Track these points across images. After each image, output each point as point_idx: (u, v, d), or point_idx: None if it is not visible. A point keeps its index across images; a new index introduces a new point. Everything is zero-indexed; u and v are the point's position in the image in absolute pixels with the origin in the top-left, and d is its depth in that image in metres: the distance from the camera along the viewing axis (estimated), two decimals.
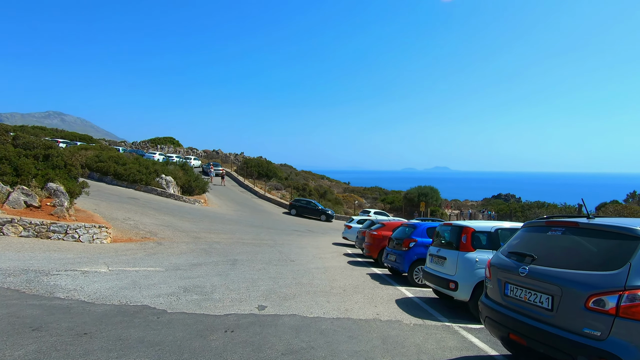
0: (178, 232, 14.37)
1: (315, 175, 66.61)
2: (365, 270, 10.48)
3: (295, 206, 30.91)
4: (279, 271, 8.89)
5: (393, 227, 11.60)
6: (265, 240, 15.76)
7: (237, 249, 12.31)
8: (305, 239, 18.01)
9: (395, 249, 9.22)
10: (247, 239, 15.47)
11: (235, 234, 16.46)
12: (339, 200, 41.21)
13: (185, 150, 55.87)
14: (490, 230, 6.20)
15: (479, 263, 5.93)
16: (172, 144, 57.63)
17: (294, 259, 11.38)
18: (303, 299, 6.42)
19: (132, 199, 20.65)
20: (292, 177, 50.90)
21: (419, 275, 8.58)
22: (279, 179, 44.73)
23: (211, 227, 17.30)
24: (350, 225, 17.59)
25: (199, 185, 29.55)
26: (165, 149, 53.66)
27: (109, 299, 5.22)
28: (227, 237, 14.94)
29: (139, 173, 24.88)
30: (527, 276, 3.35)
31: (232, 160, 53.62)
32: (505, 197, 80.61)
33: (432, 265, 6.85)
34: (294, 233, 20.24)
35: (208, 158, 53.58)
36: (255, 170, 43.73)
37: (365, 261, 12.77)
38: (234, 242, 13.83)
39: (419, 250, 8.62)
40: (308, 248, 14.98)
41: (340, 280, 8.54)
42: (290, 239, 17.18)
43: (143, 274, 6.89)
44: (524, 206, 53.55)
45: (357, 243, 14.63)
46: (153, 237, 12.55)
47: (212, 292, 6.23)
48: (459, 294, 5.96)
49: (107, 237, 10.50)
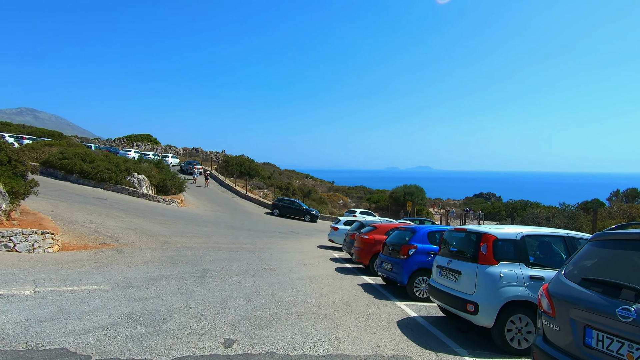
0: (145, 236, 12.80)
1: (299, 174, 65.20)
2: (355, 280, 9.23)
3: (278, 206, 29.48)
4: (256, 284, 7.53)
5: (386, 230, 10.40)
6: (244, 244, 14.34)
7: (210, 255, 10.87)
8: (289, 242, 16.66)
9: (391, 257, 7.99)
10: (224, 243, 14.02)
11: (211, 237, 14.97)
12: (323, 200, 39.96)
13: (163, 148, 53.49)
14: (515, 237, 5.02)
15: (504, 279, 4.73)
16: (150, 141, 55.14)
17: (275, 267, 10.03)
18: (284, 324, 5.10)
19: (99, 200, 18.84)
20: (275, 176, 49.35)
21: (420, 288, 7.37)
22: (262, 177, 43.15)
23: (185, 229, 15.75)
24: (337, 227, 16.34)
25: (175, 184, 27.79)
26: (142, 146, 51.21)
27: (11, 340, 3.75)
28: (201, 242, 13.45)
29: (108, 171, 22.98)
30: (634, 323, 2.14)
31: (212, 159, 51.64)
32: (486, 196, 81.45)
33: (441, 279, 5.63)
34: (276, 235, 18.86)
35: (187, 156, 51.44)
36: (237, 168, 42.01)
37: (355, 268, 11.53)
38: (208, 248, 12.37)
39: (420, 258, 7.41)
40: (291, 252, 13.65)
41: (328, 294, 7.25)
42: (272, 243, 15.80)
43: (79, 297, 5.42)
44: (508, 205, 53.56)
45: (344, 246, 13.39)
46: (114, 242, 10.97)
47: (167, 320, 4.84)
48: (480, 318, 4.76)
49: (54, 245, 8.91)
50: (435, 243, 7.62)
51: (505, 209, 51.67)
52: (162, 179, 26.46)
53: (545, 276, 4.76)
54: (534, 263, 4.93)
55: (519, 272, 4.78)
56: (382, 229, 10.37)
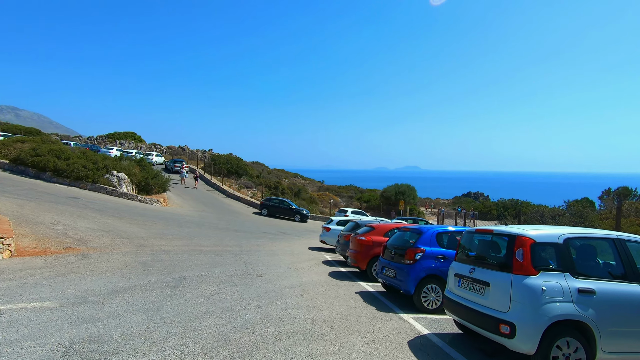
0: (119, 238, 11.59)
1: (289, 173, 64.03)
2: (352, 287, 8.23)
3: (267, 205, 28.34)
4: (239, 295, 6.46)
5: (385, 230, 9.42)
6: (229, 246, 13.21)
7: (189, 260, 9.74)
8: (278, 244, 15.59)
9: (394, 262, 7.00)
10: (207, 245, 12.88)
11: (193, 239, 13.81)
12: (313, 199, 38.93)
13: (147, 147, 51.72)
14: (556, 241, 4.06)
15: (547, 293, 3.77)
16: (134, 139, 53.28)
17: (262, 273, 8.96)
18: (271, 351, 4.07)
19: (72, 199, 17.47)
20: (264, 175, 48.11)
21: (429, 298, 6.39)
22: (250, 176, 41.89)
23: (165, 231, 14.54)
24: (329, 227, 15.32)
25: (158, 183, 26.43)
26: (126, 144, 49.41)
27: None
28: (181, 244, 12.29)
29: (84, 169, 21.54)
30: None
31: (199, 157, 50.10)
32: (475, 196, 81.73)
33: (461, 291, 4.65)
34: (265, 236, 17.75)
35: (173, 154, 49.83)
36: (224, 167, 40.65)
37: (350, 272, 10.53)
38: (189, 251, 11.23)
39: (428, 263, 6.44)
40: (280, 255, 12.58)
41: (323, 306, 6.23)
42: (260, 245, 14.71)
43: (9, 319, 4.26)
44: (499, 204, 53.27)
45: (338, 248, 12.39)
46: (80, 246, 9.75)
47: (118, 350, 3.74)
48: (518, 343, 3.78)
49: (5, 251, 7.68)
50: (444, 246, 6.67)
51: (496, 208, 51.40)
52: (143, 178, 25.08)
53: (596, 289, 3.82)
54: (581, 272, 3.99)
55: (564, 284, 3.83)
56: (381, 230, 9.38)
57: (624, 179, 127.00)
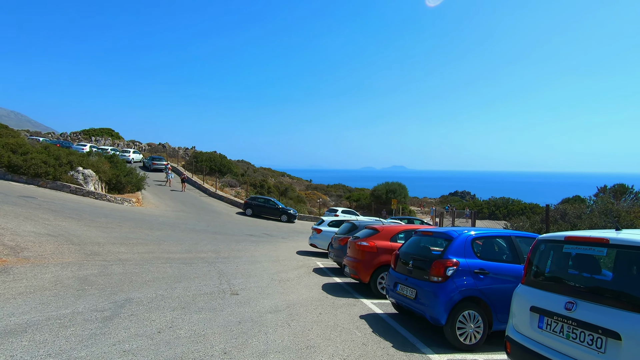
0: (67, 245, 9.52)
1: (275, 172, 61.95)
2: (355, 308, 6.40)
3: (251, 205, 26.32)
4: (199, 331, 4.56)
5: (392, 233, 7.61)
6: (203, 252, 11.25)
7: (149, 272, 7.77)
8: (262, 248, 13.67)
9: (413, 277, 5.19)
10: (177, 251, 10.89)
11: (161, 244, 11.79)
12: (301, 198, 37.03)
13: (125, 144, 48.94)
14: None
15: None
16: (111, 136, 50.38)
17: (238, 289, 7.08)
18: None
19: (26, 198, 15.20)
20: (249, 174, 45.96)
21: (466, 330, 4.61)
22: (235, 175, 39.71)
23: (130, 234, 12.48)
24: (320, 229, 13.48)
25: (132, 181, 24.16)
26: (102, 141, 46.58)
27: None
28: (145, 251, 10.28)
29: (44, 165, 19.18)
30: None
31: (181, 155, 47.59)
32: (462, 195, 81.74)
33: (549, 338, 2.86)
34: (247, 239, 15.81)
35: (153, 152, 47.19)
36: (207, 165, 38.38)
37: (347, 283, 8.71)
38: (152, 259, 9.24)
39: (465, 281, 4.66)
40: (263, 262, 10.69)
41: (321, 346, 4.39)
42: (241, 249, 12.77)
43: None
44: (490, 203, 52.32)
45: (331, 254, 10.55)
46: (10, 257, 7.67)
47: None
48: None
49: None
50: (480, 256, 4.91)
51: (487, 206, 50.46)
52: (114, 175, 22.78)
53: None
54: None
55: None
56: (387, 233, 7.58)
57: (612, 178, 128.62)
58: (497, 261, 4.89)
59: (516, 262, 4.91)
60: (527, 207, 49.42)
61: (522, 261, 4.89)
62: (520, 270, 4.70)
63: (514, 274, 4.75)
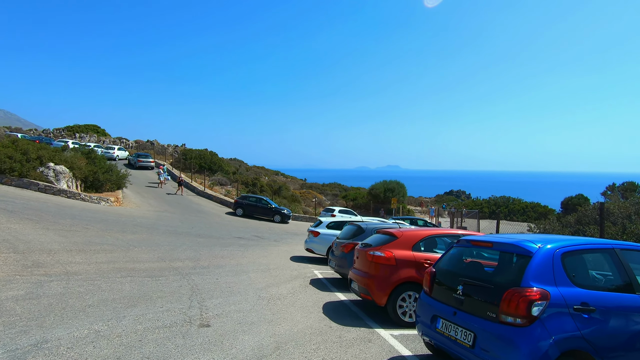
0: (7, 253, 7.66)
1: (269, 170, 59.99)
2: (372, 347, 4.62)
3: (242, 204, 24.46)
4: None
5: (414, 239, 5.84)
6: (179, 260, 9.42)
7: (96, 292, 5.94)
8: (250, 253, 11.86)
9: (466, 312, 3.43)
10: (146, 260, 9.05)
11: (130, 250, 9.94)
12: (296, 198, 35.22)
13: (112, 140, 46.68)
14: None
15: None
16: (97, 132, 48.09)
17: (211, 316, 5.28)
18: None
19: None
20: (241, 172, 44.05)
21: None
22: (226, 173, 37.77)
23: (95, 239, 10.60)
24: (318, 231, 11.69)
25: (112, 178, 22.20)
26: (87, 138, 44.34)
27: None
28: (105, 260, 8.43)
29: (9, 160, 17.18)
30: None
31: (170, 153, 45.49)
32: (457, 194, 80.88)
33: None
34: (235, 243, 13.99)
35: (140, 149, 45.04)
36: (196, 162, 36.39)
37: (354, 301, 6.95)
38: (109, 272, 7.40)
39: (562, 325, 2.90)
40: (251, 273, 8.89)
41: None
42: (226, 255, 10.95)
43: None
44: (490, 202, 50.88)
45: (332, 262, 8.78)
46: None
47: None
48: None
49: None
50: (577, 280, 3.15)
51: (488, 205, 49.00)
52: (91, 172, 20.80)
53: None
54: None
55: None
56: (408, 240, 5.80)
57: (601, 177, 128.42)
58: (604, 289, 3.16)
59: (627, 289, 3.19)
60: (529, 206, 48.04)
61: (637, 288, 3.16)
62: (637, 301, 2.99)
63: (632, 309, 3.02)
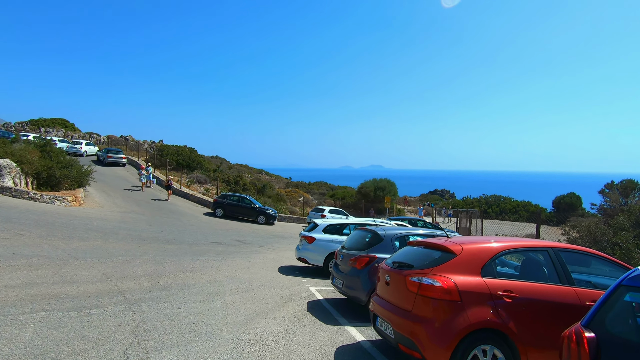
0: None
1: (252, 169, 57.30)
2: None
3: (222, 204, 21.99)
4: None
5: (486, 258, 3.69)
6: (131, 278, 7.02)
7: None
8: (229, 264, 9.53)
9: None
10: (84, 279, 6.63)
11: (67, 265, 7.47)
12: (281, 197, 32.86)
13: (81, 135, 43.20)
14: None
15: None
16: (65, 127, 44.43)
17: None
18: None
19: None
20: (223, 169, 41.36)
21: None
22: (205, 170, 35.04)
23: (23, 250, 8.08)
24: (313, 237, 9.44)
25: (71, 175, 19.36)
26: (53, 132, 40.83)
27: None
28: (22, 281, 5.98)
29: None
30: None
31: (145, 149, 42.30)
32: (441, 193, 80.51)
33: None
34: (211, 250, 11.63)
35: (112, 145, 41.75)
36: (173, 159, 33.56)
37: (378, 345, 4.78)
38: (16, 302, 4.99)
39: None
40: (227, 296, 6.59)
41: None
42: (197, 268, 8.59)
43: None
44: (481, 201, 49.71)
45: (339, 282, 6.52)
46: None
47: None
48: None
49: None
50: None
51: (479, 204, 47.73)
52: (45, 167, 17.97)
53: None
54: None
55: None
56: (474, 257, 3.65)
57: (584, 177, 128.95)
58: None
59: None
60: (520, 205, 47.04)
61: None
62: None
63: None
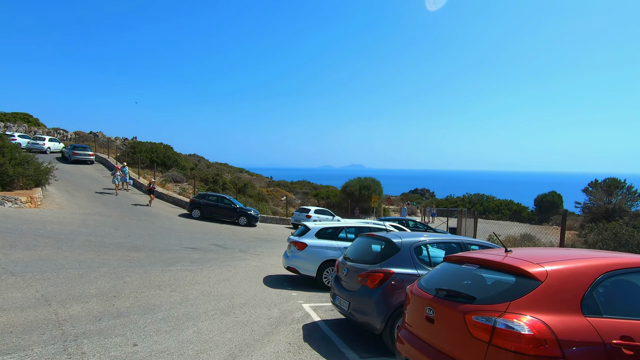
0: None
1: (232, 167, 55.31)
2: None
3: (199, 204, 20.32)
4: None
5: (583, 285, 2.49)
6: (78, 299, 5.49)
7: None
8: (205, 275, 8.07)
9: None
10: (14, 303, 5.06)
11: None
12: (263, 196, 31.29)
13: (46, 131, 40.20)
14: None
15: None
16: (27, 122, 41.26)
17: None
18: None
19: None
20: (201, 168, 39.37)
21: None
22: (182, 169, 33.06)
23: None
24: (304, 242, 8.12)
25: (27, 173, 17.29)
26: (14, 127, 37.78)
27: None
28: None
29: None
30: None
31: (117, 146, 39.79)
32: (421, 192, 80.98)
33: None
34: (185, 257, 10.11)
35: (80, 141, 39.04)
36: (147, 156, 31.45)
37: None
38: None
39: None
40: (201, 322, 5.18)
41: None
42: (166, 283, 7.10)
43: None
44: (465, 199, 49.53)
45: (344, 303, 5.20)
46: None
47: None
48: None
49: None
50: None
51: (463, 203, 47.48)
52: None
53: None
54: None
55: None
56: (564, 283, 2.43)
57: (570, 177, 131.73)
58: None
59: None
60: (503, 204, 47.03)
61: None
62: None
63: None
